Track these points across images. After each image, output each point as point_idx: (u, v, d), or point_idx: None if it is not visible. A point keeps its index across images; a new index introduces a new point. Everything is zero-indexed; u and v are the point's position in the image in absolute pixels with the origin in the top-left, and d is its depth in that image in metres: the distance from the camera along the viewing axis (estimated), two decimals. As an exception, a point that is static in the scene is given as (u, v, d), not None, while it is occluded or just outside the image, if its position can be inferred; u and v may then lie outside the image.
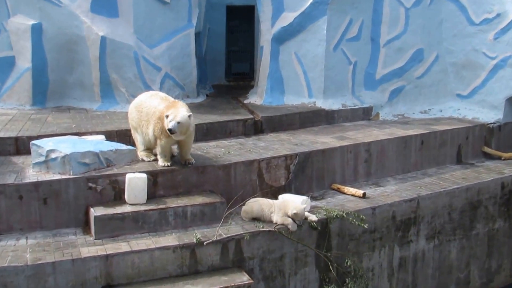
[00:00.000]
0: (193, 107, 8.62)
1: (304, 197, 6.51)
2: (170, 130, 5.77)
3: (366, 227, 6.26)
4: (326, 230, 6.28)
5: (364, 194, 7.03)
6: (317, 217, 6.10)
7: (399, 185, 7.58)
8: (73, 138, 6.60)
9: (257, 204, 6.05)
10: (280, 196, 6.59)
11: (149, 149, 6.47)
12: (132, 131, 6.57)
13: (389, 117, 9.34)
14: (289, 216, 5.85)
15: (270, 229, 5.88)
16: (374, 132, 8.34)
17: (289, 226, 5.90)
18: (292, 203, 5.86)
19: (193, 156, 6.56)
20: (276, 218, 5.94)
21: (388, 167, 7.96)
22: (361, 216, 6.25)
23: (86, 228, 5.86)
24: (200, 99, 9.80)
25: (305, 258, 6.21)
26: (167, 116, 5.83)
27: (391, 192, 7.30)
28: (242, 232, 5.78)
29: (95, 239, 5.59)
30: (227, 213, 6.08)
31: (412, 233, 7.17)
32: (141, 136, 6.36)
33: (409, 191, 7.32)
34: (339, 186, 7.34)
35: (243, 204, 6.28)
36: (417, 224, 7.15)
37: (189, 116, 5.92)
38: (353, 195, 7.07)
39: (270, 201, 6.13)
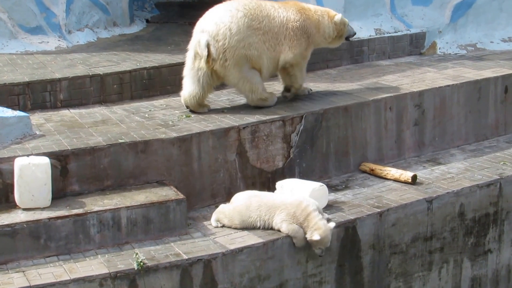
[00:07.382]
0: (125, 42, 8.92)
1: (317, 185, 6.50)
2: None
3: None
4: (353, 240, 6.33)
5: (414, 177, 7.10)
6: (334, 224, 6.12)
7: (470, 161, 7.70)
8: None
9: (249, 200, 6.11)
10: (278, 184, 6.65)
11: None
12: (253, 67, 7.03)
13: (453, 49, 9.45)
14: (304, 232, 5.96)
15: (260, 241, 5.91)
16: (428, 74, 8.43)
17: (295, 241, 5.99)
18: (315, 218, 5.90)
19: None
20: (281, 224, 5.98)
21: (453, 132, 8.10)
22: None
23: (-49, 252, 5.90)
24: (136, 27, 9.78)
25: (320, 286, 6.24)
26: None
27: (457, 173, 7.40)
28: (215, 250, 5.79)
29: (-33, 269, 5.58)
30: (188, 219, 6.14)
31: (491, 238, 7.27)
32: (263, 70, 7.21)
33: (486, 171, 7.42)
34: (373, 166, 7.43)
35: (216, 203, 6.38)
36: (498, 224, 7.25)
37: None
38: (396, 180, 7.17)
39: (271, 196, 6.23)
